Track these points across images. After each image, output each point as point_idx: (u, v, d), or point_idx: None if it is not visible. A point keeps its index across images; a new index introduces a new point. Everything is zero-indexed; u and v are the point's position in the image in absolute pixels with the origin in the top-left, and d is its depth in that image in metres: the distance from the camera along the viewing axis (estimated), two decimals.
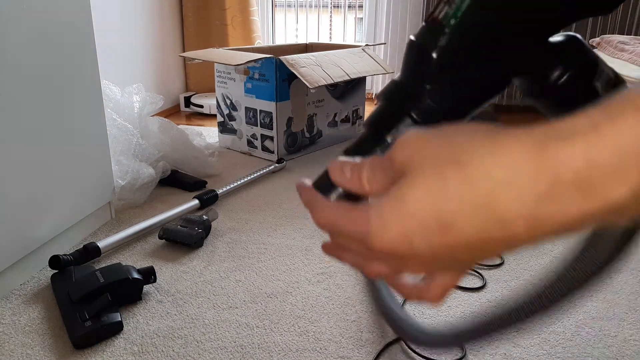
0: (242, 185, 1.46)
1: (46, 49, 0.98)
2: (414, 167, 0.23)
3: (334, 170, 0.28)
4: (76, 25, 1.07)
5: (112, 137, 1.29)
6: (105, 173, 1.20)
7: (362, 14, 2.75)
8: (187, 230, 1.11)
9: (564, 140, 0.19)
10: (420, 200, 0.22)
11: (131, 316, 0.88)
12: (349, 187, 0.28)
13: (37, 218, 0.99)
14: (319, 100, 1.83)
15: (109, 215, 1.25)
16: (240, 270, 1.04)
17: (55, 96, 1.02)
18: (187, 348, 0.81)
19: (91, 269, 0.95)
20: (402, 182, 0.23)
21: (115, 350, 0.80)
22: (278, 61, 1.59)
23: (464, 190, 0.21)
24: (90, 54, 1.12)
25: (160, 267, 1.04)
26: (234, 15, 2.52)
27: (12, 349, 0.80)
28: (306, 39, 2.85)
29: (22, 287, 0.96)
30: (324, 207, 0.28)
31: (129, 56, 2.15)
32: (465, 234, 0.22)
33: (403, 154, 0.24)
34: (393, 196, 0.24)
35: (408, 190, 0.23)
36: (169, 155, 1.49)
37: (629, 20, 2.34)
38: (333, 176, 0.28)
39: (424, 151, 0.23)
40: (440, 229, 0.22)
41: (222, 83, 1.83)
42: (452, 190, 0.21)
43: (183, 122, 2.32)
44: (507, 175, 0.20)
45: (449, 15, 0.31)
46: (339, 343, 0.82)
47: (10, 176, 0.91)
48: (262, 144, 1.77)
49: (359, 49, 1.91)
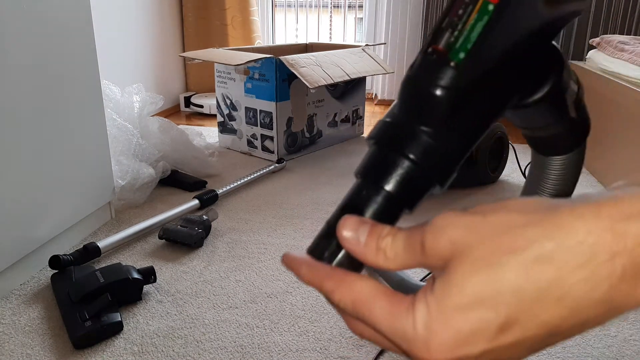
0: (242, 185, 1.46)
1: (46, 49, 0.98)
2: (459, 260, 0.20)
3: (346, 230, 0.24)
4: (76, 25, 1.07)
5: (112, 137, 1.29)
6: (105, 173, 1.20)
7: (362, 14, 2.75)
8: (187, 230, 1.11)
9: (636, 219, 0.18)
10: (475, 302, 0.19)
11: (131, 316, 0.88)
12: (360, 255, 0.24)
13: (37, 218, 0.99)
14: (319, 100, 1.83)
15: (109, 215, 1.25)
16: (240, 270, 1.04)
17: (55, 96, 1.02)
18: (187, 348, 0.81)
19: (91, 269, 0.95)
20: (449, 281, 0.20)
21: (115, 350, 0.80)
22: (278, 61, 1.59)
23: (525, 281, 0.19)
24: (90, 54, 1.12)
25: (160, 267, 1.04)
26: (234, 15, 2.52)
27: (12, 349, 0.80)
28: (306, 39, 2.85)
29: (22, 287, 0.96)
30: (348, 284, 0.23)
31: (129, 56, 2.15)
32: (530, 330, 0.19)
33: (442, 243, 0.21)
34: (440, 298, 0.20)
35: (458, 291, 0.20)
36: (169, 155, 1.49)
37: (629, 20, 2.34)
38: (344, 237, 0.24)
39: (468, 238, 0.20)
40: (501, 330, 0.19)
41: (222, 83, 1.83)
42: (512, 283, 0.19)
43: (183, 122, 2.32)
44: (576, 260, 0.18)
45: (456, 48, 0.26)
46: (339, 343, 0.82)
47: (10, 176, 0.91)
48: (262, 144, 1.77)
49: (359, 49, 1.91)
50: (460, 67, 0.26)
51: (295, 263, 0.26)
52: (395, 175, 0.26)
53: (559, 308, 0.19)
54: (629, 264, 0.18)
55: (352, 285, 0.23)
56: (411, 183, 0.26)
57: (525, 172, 1.53)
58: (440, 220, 0.22)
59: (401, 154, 0.26)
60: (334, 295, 0.24)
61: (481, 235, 0.20)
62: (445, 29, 0.26)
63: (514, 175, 1.59)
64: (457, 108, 0.26)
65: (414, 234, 0.22)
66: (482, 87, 0.27)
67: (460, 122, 0.27)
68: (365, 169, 0.28)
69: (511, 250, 0.19)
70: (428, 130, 0.26)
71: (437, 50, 0.26)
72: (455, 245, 0.21)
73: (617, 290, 0.18)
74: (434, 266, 0.22)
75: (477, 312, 0.19)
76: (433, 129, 0.26)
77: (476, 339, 0.20)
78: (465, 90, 0.26)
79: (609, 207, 0.19)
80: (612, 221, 0.18)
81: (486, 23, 0.26)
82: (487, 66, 0.26)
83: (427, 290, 0.21)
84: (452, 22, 0.26)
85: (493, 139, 1.44)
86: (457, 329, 0.20)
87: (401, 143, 0.27)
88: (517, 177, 1.58)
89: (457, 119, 0.27)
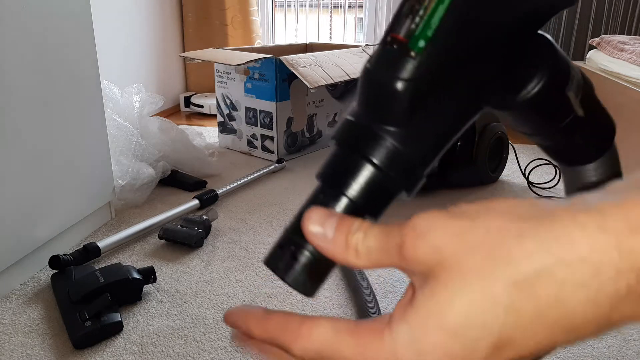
0: (242, 185, 1.46)
1: (46, 49, 0.98)
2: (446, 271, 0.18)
3: (312, 224, 0.22)
4: (76, 25, 1.07)
5: (112, 137, 1.29)
6: (105, 173, 1.20)
7: (362, 14, 2.75)
8: (187, 230, 1.11)
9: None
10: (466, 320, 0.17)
11: (131, 316, 0.88)
12: (328, 251, 0.22)
13: (37, 218, 0.99)
14: (319, 100, 1.83)
15: (109, 215, 1.25)
16: (240, 270, 1.04)
17: (55, 96, 1.02)
18: (187, 348, 0.81)
19: (91, 269, 0.95)
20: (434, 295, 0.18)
21: (115, 350, 0.80)
22: (278, 61, 1.59)
23: (521, 299, 0.17)
24: (90, 54, 1.12)
25: (160, 267, 1.04)
26: (234, 15, 2.52)
27: (12, 349, 0.80)
28: (306, 39, 2.85)
29: (22, 287, 0.96)
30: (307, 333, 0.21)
31: (129, 56, 2.15)
32: (523, 350, 0.18)
33: (424, 250, 0.19)
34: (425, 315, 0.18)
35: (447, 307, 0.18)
36: (169, 155, 1.49)
37: (629, 20, 2.34)
38: (310, 232, 0.22)
39: (455, 247, 0.18)
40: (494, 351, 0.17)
41: (222, 83, 1.83)
42: (507, 300, 0.17)
43: (183, 122, 2.32)
44: (578, 278, 0.16)
45: (416, 35, 0.23)
46: None
47: (10, 176, 0.91)
48: (262, 144, 1.77)
49: (359, 49, 1.91)
50: (421, 57, 0.23)
51: (240, 319, 0.23)
52: (358, 180, 0.24)
53: (556, 329, 0.17)
54: (635, 282, 0.16)
55: (311, 334, 0.21)
56: (375, 189, 0.24)
57: (525, 172, 1.53)
58: (423, 222, 0.19)
59: (363, 158, 0.24)
60: (295, 349, 0.21)
61: (470, 244, 0.18)
62: (405, 15, 0.23)
63: (514, 176, 1.59)
64: (420, 102, 0.23)
65: (391, 234, 0.20)
66: (448, 79, 0.24)
67: (427, 120, 0.24)
68: (326, 172, 0.25)
69: (506, 262, 0.17)
70: (392, 130, 0.24)
71: (396, 39, 0.23)
72: (440, 253, 0.18)
73: (619, 309, 0.17)
74: (413, 272, 0.20)
75: (469, 331, 0.17)
76: (397, 127, 0.24)
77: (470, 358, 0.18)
78: (428, 82, 0.23)
79: (614, 218, 0.17)
80: (618, 237, 0.16)
81: (447, 6, 0.23)
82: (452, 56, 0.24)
83: (405, 307, 0.19)
84: (412, 8, 0.23)
85: (493, 139, 1.44)
86: (446, 352, 0.18)
87: (363, 145, 0.24)
88: (517, 177, 1.58)
89: (422, 116, 0.24)
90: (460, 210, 0.19)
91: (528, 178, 1.50)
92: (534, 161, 1.56)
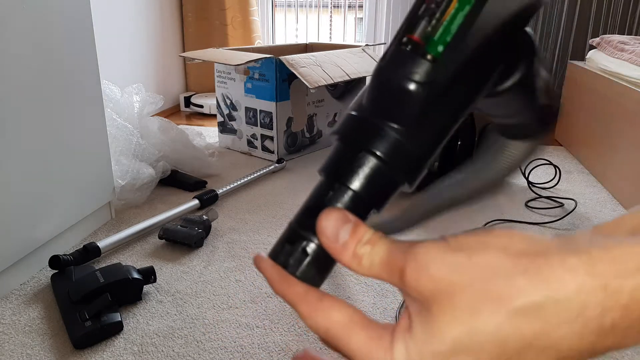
0: (242, 185, 1.46)
1: (46, 49, 0.98)
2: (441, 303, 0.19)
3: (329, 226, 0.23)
4: (76, 25, 1.07)
5: (112, 137, 1.29)
6: (105, 173, 1.20)
7: (362, 14, 2.75)
8: (187, 230, 1.11)
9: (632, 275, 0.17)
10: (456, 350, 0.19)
11: (131, 316, 0.88)
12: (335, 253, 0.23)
13: (37, 218, 0.99)
14: (319, 100, 1.83)
15: (109, 215, 1.25)
16: (240, 270, 1.04)
17: (56, 96, 1.02)
18: (187, 348, 0.81)
19: (91, 269, 0.95)
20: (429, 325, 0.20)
21: (115, 350, 0.80)
22: (278, 61, 1.59)
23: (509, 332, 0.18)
24: (90, 54, 1.12)
25: (160, 267, 1.04)
26: (234, 15, 2.52)
27: (12, 349, 0.80)
28: (306, 39, 2.85)
29: (22, 287, 0.96)
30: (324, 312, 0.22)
31: (129, 56, 2.15)
32: None
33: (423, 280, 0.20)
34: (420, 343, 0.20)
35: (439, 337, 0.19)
36: (169, 155, 1.49)
37: (629, 20, 2.34)
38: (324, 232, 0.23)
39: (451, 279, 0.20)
40: None
41: (222, 83, 1.83)
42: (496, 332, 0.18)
43: (183, 122, 2.32)
44: (564, 315, 0.18)
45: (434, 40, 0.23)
46: None
47: (10, 176, 0.91)
48: (262, 144, 1.77)
49: (359, 49, 1.91)
50: (438, 61, 0.23)
51: (269, 269, 0.24)
52: (362, 173, 0.24)
53: (542, 357, 0.18)
54: (619, 317, 0.17)
55: (328, 314, 0.22)
56: (379, 182, 0.25)
57: (525, 172, 1.53)
58: (423, 254, 0.20)
59: (368, 151, 0.24)
60: (306, 320, 0.22)
61: (466, 279, 0.19)
62: (422, 16, 0.24)
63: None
64: (432, 105, 0.24)
65: (394, 256, 0.21)
66: (458, 81, 0.24)
67: (433, 119, 0.25)
68: (330, 166, 0.26)
69: (497, 298, 0.18)
70: (398, 128, 0.24)
71: (412, 41, 0.24)
72: (437, 285, 0.20)
73: (603, 342, 0.18)
74: (411, 297, 0.21)
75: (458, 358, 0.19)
76: (403, 126, 0.24)
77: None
78: (442, 86, 0.24)
79: (603, 262, 0.18)
80: (605, 279, 0.18)
81: (468, 13, 0.23)
82: (465, 59, 0.24)
83: (405, 330, 0.21)
84: (429, 10, 0.24)
85: None
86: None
87: (368, 139, 0.24)
88: (517, 177, 1.58)
89: (430, 116, 0.25)
90: (459, 243, 0.20)
91: (528, 178, 1.50)
92: (534, 161, 1.56)
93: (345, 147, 0.25)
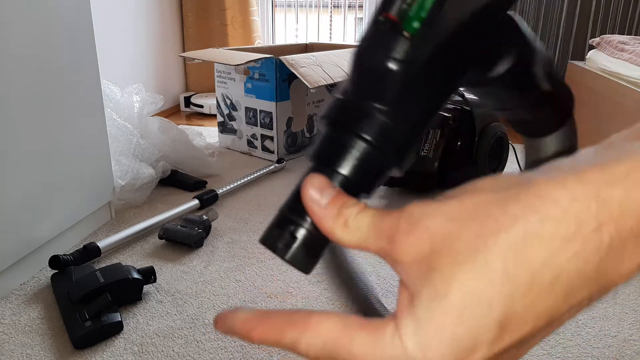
0: (242, 185, 1.46)
1: (46, 49, 0.98)
2: (441, 255, 0.18)
3: (313, 186, 0.22)
4: (76, 25, 1.07)
5: (112, 137, 1.29)
6: (105, 173, 1.20)
7: (362, 14, 2.75)
8: (187, 230, 1.11)
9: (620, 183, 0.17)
10: (467, 299, 0.17)
11: (131, 316, 0.88)
12: (319, 217, 0.22)
13: (37, 218, 0.99)
14: (319, 100, 1.83)
15: (109, 215, 1.25)
16: (240, 270, 1.04)
17: (55, 96, 1.02)
18: (187, 348, 0.81)
19: (91, 269, 0.95)
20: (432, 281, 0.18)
21: (115, 350, 0.80)
22: (278, 61, 1.59)
23: (515, 266, 0.17)
24: (90, 54, 1.12)
25: (160, 267, 1.04)
26: (234, 15, 2.52)
27: (12, 349, 0.80)
28: (306, 39, 2.85)
29: (22, 287, 0.96)
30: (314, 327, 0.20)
31: (129, 56, 2.15)
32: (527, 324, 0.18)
33: (419, 236, 0.19)
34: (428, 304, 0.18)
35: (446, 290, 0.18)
36: (169, 155, 1.49)
37: (629, 20, 2.34)
38: (307, 195, 0.22)
39: (447, 228, 0.19)
40: (500, 328, 0.17)
41: (222, 83, 1.83)
42: (502, 270, 0.17)
43: (183, 122, 2.32)
44: (563, 232, 0.17)
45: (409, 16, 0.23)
46: None
47: (10, 176, 0.91)
48: (262, 144, 1.77)
49: None
50: (415, 38, 0.23)
51: (239, 322, 0.22)
52: (351, 157, 0.24)
53: (553, 294, 0.17)
54: (615, 233, 0.17)
55: (319, 327, 0.20)
56: (368, 165, 0.24)
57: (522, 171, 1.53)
58: (416, 210, 0.19)
59: (356, 135, 0.24)
60: (299, 345, 0.20)
61: (460, 222, 0.18)
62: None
63: None
64: (413, 82, 0.24)
65: (384, 219, 0.20)
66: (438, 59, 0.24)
67: (417, 98, 0.25)
68: (319, 151, 0.25)
69: (495, 231, 0.17)
70: (383, 108, 0.24)
71: (389, 19, 0.24)
72: (435, 237, 0.19)
73: (606, 264, 0.17)
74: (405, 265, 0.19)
75: (471, 311, 0.17)
76: (388, 106, 0.24)
77: (477, 342, 0.17)
78: (421, 63, 0.24)
79: (591, 172, 0.17)
80: (596, 187, 0.17)
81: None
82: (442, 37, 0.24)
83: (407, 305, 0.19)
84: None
85: (493, 139, 1.44)
86: (453, 337, 0.17)
87: (355, 123, 0.24)
88: None
89: (413, 94, 0.25)
90: (450, 195, 0.20)
91: None
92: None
93: (333, 131, 0.25)
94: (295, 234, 0.24)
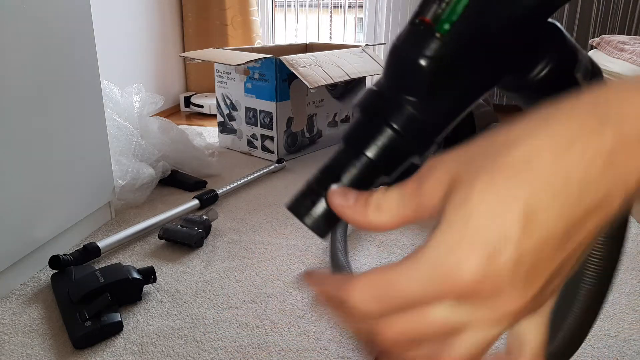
0: (242, 185, 1.46)
1: (46, 49, 0.98)
2: (461, 183, 0.19)
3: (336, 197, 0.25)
4: (76, 25, 1.07)
5: (112, 137, 1.29)
6: (105, 173, 1.20)
7: (362, 14, 2.75)
8: (187, 230, 1.11)
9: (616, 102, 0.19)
10: (486, 200, 0.18)
11: (131, 316, 0.88)
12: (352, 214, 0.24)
13: (37, 218, 0.99)
14: (319, 100, 1.83)
15: (109, 215, 1.25)
16: (240, 270, 1.04)
17: (56, 96, 1.02)
18: (187, 348, 0.81)
19: (91, 269, 0.95)
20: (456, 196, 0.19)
21: (115, 350, 0.80)
22: (278, 61, 1.59)
23: (529, 176, 0.18)
24: (90, 54, 1.12)
25: (160, 267, 1.04)
26: (234, 15, 2.52)
27: (12, 349, 0.80)
28: (306, 39, 2.85)
29: (22, 287, 0.96)
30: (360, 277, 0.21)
31: (129, 56, 2.15)
32: (550, 221, 0.18)
33: (439, 173, 0.21)
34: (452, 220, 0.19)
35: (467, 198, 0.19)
36: (169, 155, 1.49)
37: (629, 20, 2.34)
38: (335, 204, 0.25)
39: (463, 158, 0.20)
40: (525, 220, 0.18)
41: (222, 83, 1.83)
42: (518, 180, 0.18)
43: (183, 122, 2.32)
44: (570, 136, 0.18)
45: (441, 19, 0.26)
46: (339, 343, 0.82)
47: (10, 176, 0.91)
48: (262, 144, 1.77)
49: (359, 49, 1.91)
50: (445, 38, 0.26)
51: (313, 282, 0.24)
52: (377, 142, 0.27)
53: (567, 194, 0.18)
54: (617, 139, 0.18)
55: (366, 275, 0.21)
56: (391, 151, 0.27)
57: None
58: (432, 159, 0.22)
59: (384, 123, 0.27)
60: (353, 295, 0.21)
61: (473, 149, 0.21)
62: (433, 0, 0.27)
63: None
64: (441, 78, 0.27)
65: (408, 182, 0.22)
66: (466, 59, 0.27)
67: (444, 93, 0.27)
68: (349, 135, 0.29)
69: (505, 145, 0.19)
70: (412, 100, 0.27)
71: (423, 22, 0.27)
72: (451, 168, 0.20)
73: (613, 164, 0.18)
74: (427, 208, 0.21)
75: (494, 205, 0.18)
76: (417, 98, 0.27)
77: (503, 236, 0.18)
78: (449, 61, 0.27)
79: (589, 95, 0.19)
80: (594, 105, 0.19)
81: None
82: (471, 39, 0.27)
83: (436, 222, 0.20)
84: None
85: None
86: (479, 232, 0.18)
87: (385, 112, 0.27)
88: None
89: (441, 90, 0.27)
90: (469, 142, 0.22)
91: None
92: None
93: (364, 118, 0.29)
94: (318, 204, 0.28)
